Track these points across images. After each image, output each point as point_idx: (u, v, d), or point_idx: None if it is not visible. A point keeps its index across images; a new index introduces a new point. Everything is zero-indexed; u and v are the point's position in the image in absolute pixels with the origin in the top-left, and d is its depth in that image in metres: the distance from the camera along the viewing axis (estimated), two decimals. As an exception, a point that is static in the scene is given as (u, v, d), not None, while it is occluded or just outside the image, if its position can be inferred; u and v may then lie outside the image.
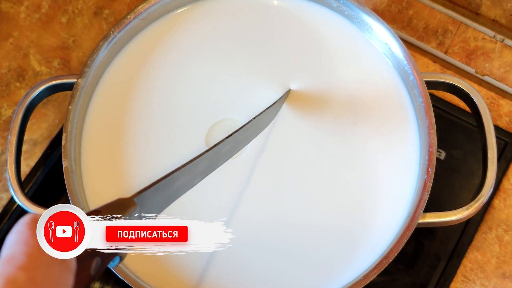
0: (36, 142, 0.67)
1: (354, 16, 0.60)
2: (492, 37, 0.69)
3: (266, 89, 0.60)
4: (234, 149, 0.52)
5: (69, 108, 0.56)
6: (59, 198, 0.63)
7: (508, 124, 0.66)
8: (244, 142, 0.54)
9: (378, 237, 0.54)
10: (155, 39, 0.61)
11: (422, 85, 0.56)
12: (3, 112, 0.68)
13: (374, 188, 0.56)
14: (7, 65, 0.70)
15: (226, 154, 0.50)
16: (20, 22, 0.71)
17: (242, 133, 0.51)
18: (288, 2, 0.62)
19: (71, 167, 0.55)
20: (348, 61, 0.60)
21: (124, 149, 0.58)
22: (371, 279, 0.51)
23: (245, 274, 0.54)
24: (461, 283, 0.61)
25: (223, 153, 0.49)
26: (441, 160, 0.64)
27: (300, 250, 0.55)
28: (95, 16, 0.72)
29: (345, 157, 0.57)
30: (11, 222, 0.64)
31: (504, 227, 0.63)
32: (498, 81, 0.68)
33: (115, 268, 0.51)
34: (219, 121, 0.59)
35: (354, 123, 0.58)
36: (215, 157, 0.48)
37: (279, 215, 0.56)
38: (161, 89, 0.60)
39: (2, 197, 0.65)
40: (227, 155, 0.50)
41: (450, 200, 0.63)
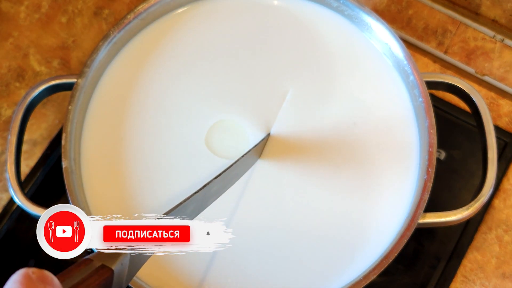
0: (36, 142, 0.67)
1: (354, 16, 0.60)
2: (492, 37, 0.69)
3: (266, 88, 0.60)
4: (223, 188, 0.51)
5: (69, 108, 0.56)
6: (59, 198, 0.63)
7: (508, 124, 0.66)
8: (233, 180, 0.53)
9: (378, 237, 0.54)
10: (155, 39, 0.61)
11: (422, 85, 0.56)
12: (3, 112, 0.68)
13: (374, 189, 0.56)
14: (7, 65, 0.70)
15: (214, 193, 0.50)
16: (20, 22, 0.71)
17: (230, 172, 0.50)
18: (288, 2, 0.62)
19: (71, 167, 0.55)
20: (348, 61, 0.60)
21: (123, 149, 0.58)
22: (371, 279, 0.51)
23: (245, 275, 0.54)
24: (461, 283, 0.61)
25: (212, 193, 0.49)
26: (441, 160, 0.64)
27: (300, 250, 0.55)
28: (95, 16, 0.72)
29: (345, 157, 0.57)
30: (11, 222, 0.64)
31: (504, 227, 0.63)
32: (498, 81, 0.68)
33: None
34: (219, 121, 0.59)
35: (354, 123, 0.58)
36: (205, 198, 0.48)
37: (279, 215, 0.56)
38: (161, 88, 0.60)
39: (2, 197, 0.65)
40: (215, 195, 0.50)
41: (450, 200, 0.63)
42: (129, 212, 0.55)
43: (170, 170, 0.57)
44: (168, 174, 0.57)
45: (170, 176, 0.57)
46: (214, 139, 0.58)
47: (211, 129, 0.59)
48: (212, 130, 0.59)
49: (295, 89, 0.59)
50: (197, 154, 0.58)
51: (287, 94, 0.59)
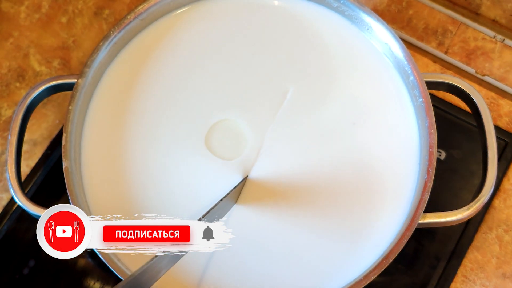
0: (36, 142, 0.67)
1: (354, 16, 0.60)
2: (492, 37, 0.69)
3: (266, 88, 0.60)
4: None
5: (69, 108, 0.56)
6: (59, 198, 0.63)
7: (508, 124, 0.66)
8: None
9: (378, 238, 0.54)
10: (155, 39, 0.61)
11: (422, 85, 0.56)
12: (3, 112, 0.68)
13: (374, 189, 0.56)
14: (7, 65, 0.70)
15: None
16: (20, 22, 0.71)
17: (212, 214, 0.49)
18: (288, 2, 0.62)
19: (71, 167, 0.55)
20: (348, 61, 0.60)
21: (124, 149, 0.58)
22: (371, 279, 0.51)
23: (245, 275, 0.54)
24: (461, 283, 0.61)
25: None
26: (441, 160, 0.64)
27: (300, 250, 0.55)
28: (95, 16, 0.72)
29: (345, 157, 0.57)
30: (11, 222, 0.64)
31: (504, 227, 0.63)
32: (498, 81, 0.68)
33: (115, 269, 0.51)
34: (219, 121, 0.59)
35: (353, 123, 0.58)
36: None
37: (278, 215, 0.56)
38: (161, 88, 0.60)
39: (2, 197, 0.65)
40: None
41: (450, 200, 0.63)
42: (130, 212, 0.55)
43: (170, 170, 0.57)
44: (168, 174, 0.57)
45: (170, 176, 0.57)
46: (214, 139, 0.58)
47: (211, 129, 0.59)
48: (212, 130, 0.59)
49: (295, 89, 0.59)
50: (197, 154, 0.58)
51: (287, 94, 0.59)
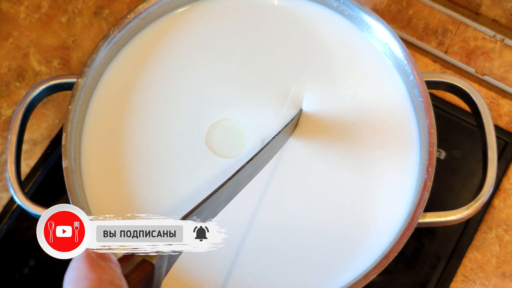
0: (36, 142, 0.67)
1: (354, 16, 0.60)
2: (492, 36, 0.69)
3: (266, 88, 0.60)
4: (253, 172, 0.52)
5: (69, 108, 0.56)
6: (59, 198, 0.63)
7: (508, 124, 0.66)
8: (263, 164, 0.54)
9: (378, 237, 0.54)
10: (155, 39, 0.61)
11: (422, 85, 0.56)
12: (3, 112, 0.68)
13: (374, 188, 0.56)
14: (7, 65, 0.70)
15: (246, 178, 0.50)
16: (20, 22, 0.71)
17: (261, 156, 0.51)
18: (288, 2, 0.62)
19: (71, 167, 0.55)
20: (348, 61, 0.60)
21: (123, 149, 0.58)
22: (371, 278, 0.51)
23: (245, 275, 0.54)
24: (461, 282, 0.61)
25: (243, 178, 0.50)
26: (441, 160, 0.64)
27: (300, 250, 0.55)
28: (95, 16, 0.72)
29: (345, 157, 0.57)
30: (11, 222, 0.64)
31: (504, 227, 0.63)
32: (498, 81, 0.68)
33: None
34: (219, 121, 0.59)
35: (353, 123, 0.58)
36: (237, 183, 0.49)
37: (279, 215, 0.56)
38: (161, 88, 0.60)
39: (2, 197, 0.65)
40: (247, 179, 0.51)
41: (450, 200, 0.63)
42: (130, 212, 0.55)
43: (170, 169, 0.57)
44: (168, 173, 0.57)
45: (170, 176, 0.57)
46: (214, 139, 0.58)
47: (211, 129, 0.59)
48: (212, 129, 0.59)
49: (295, 89, 0.59)
50: (197, 153, 0.58)
51: (288, 93, 0.59)
